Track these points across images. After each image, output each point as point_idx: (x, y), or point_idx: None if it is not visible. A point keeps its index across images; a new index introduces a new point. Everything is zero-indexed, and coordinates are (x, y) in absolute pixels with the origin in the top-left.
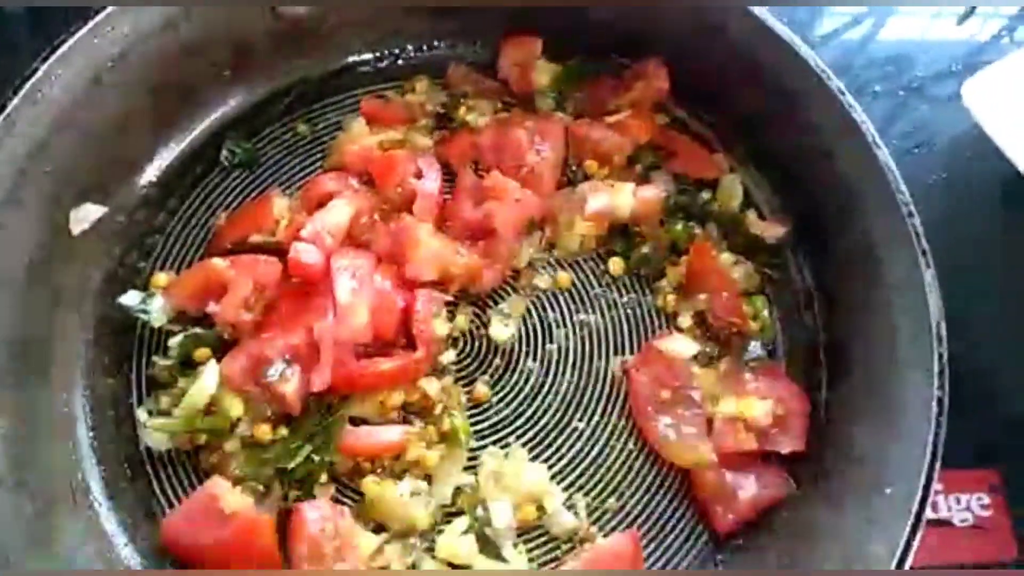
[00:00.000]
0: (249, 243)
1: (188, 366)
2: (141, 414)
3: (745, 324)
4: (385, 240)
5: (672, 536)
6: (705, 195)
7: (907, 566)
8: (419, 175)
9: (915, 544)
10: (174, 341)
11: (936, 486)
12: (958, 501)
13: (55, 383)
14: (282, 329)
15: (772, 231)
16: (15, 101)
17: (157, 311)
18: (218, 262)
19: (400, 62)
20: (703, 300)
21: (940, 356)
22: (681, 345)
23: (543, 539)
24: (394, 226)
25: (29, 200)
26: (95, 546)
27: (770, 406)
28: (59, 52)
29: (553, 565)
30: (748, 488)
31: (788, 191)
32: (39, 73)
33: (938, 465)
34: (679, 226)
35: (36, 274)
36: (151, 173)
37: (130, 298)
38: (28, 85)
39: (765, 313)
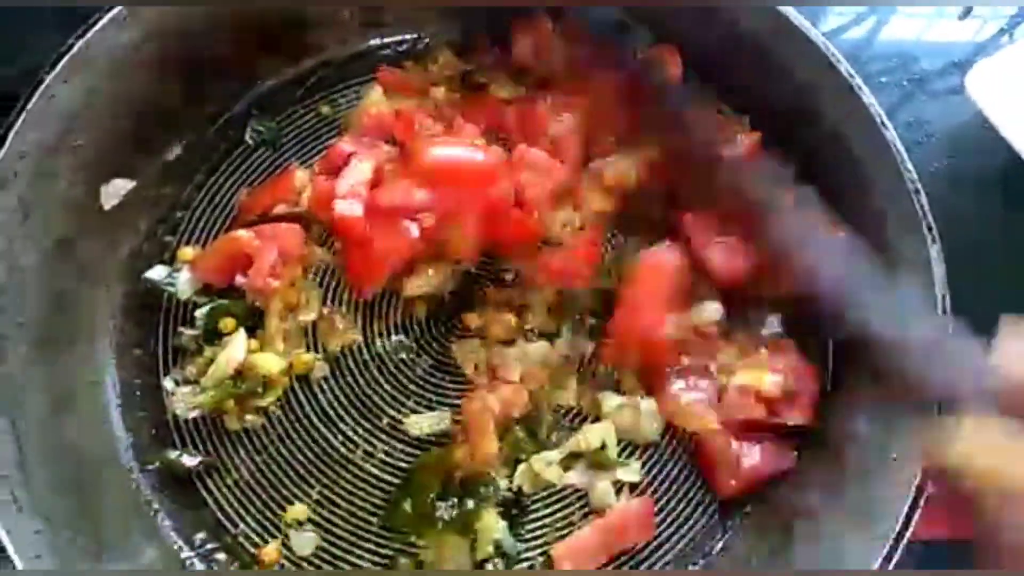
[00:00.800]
0: (272, 214)
1: (214, 336)
2: (168, 383)
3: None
4: None
5: (682, 504)
6: None
7: (907, 538)
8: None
9: (916, 516)
10: (200, 312)
11: None
12: None
13: (83, 356)
14: None
15: None
16: (49, 78)
17: (183, 284)
18: (243, 233)
19: (420, 46)
20: None
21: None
22: (710, 310)
23: (557, 506)
24: None
25: (61, 174)
26: (127, 513)
27: (781, 379)
28: (93, 30)
29: (568, 531)
30: (752, 456)
31: (796, 173)
32: (74, 50)
33: None
34: None
35: (66, 248)
36: (178, 149)
37: (157, 272)
38: (63, 62)
39: None
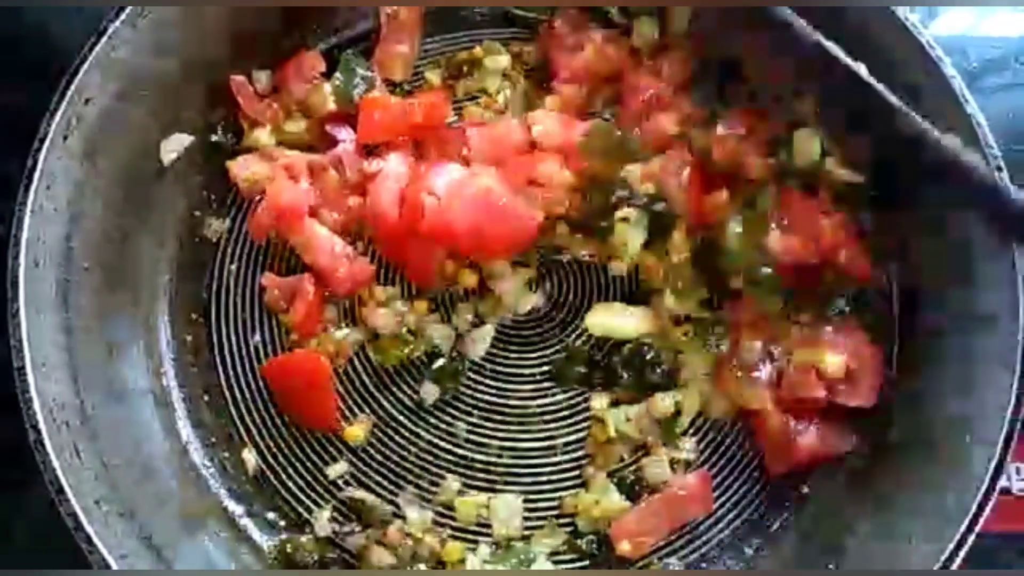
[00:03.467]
0: None
1: None
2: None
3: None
4: None
5: (739, 481)
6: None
7: (977, 530)
8: None
9: (988, 505)
10: None
11: None
12: (1018, 471)
13: (140, 308)
14: None
15: (855, 177)
16: (116, 23)
17: None
18: None
19: None
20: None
21: None
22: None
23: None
24: None
25: (125, 123)
26: (178, 463)
27: (844, 360)
28: None
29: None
30: (808, 437)
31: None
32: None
33: (1019, 425)
34: None
35: (129, 201)
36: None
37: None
38: (128, 9)
39: None
